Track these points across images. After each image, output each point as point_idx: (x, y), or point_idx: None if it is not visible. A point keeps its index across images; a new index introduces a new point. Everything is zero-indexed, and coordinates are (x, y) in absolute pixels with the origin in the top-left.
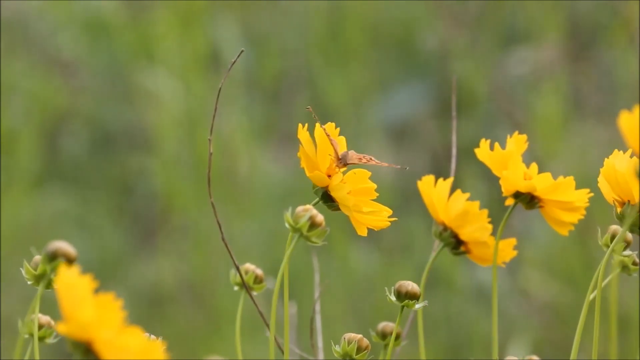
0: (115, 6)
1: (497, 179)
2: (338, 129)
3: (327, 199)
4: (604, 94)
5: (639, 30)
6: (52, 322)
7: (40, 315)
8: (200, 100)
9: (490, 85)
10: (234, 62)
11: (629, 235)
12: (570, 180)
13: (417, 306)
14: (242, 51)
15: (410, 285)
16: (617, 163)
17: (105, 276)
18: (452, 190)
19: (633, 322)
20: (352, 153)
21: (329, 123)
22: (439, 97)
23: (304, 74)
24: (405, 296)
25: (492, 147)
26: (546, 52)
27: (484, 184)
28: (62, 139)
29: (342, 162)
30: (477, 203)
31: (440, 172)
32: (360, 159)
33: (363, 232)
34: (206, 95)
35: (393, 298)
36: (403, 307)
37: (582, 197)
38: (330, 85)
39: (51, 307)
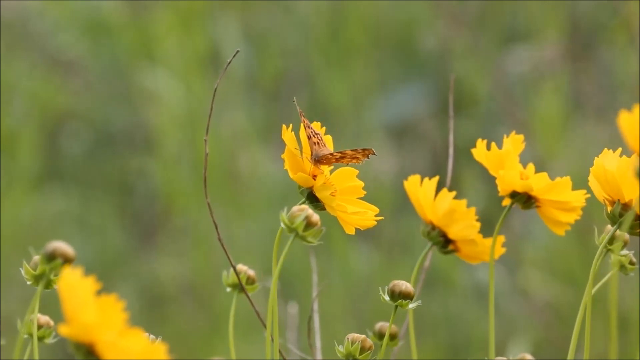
0: (115, 6)
1: (495, 178)
2: (324, 128)
3: (312, 199)
4: (604, 94)
5: (639, 30)
6: (51, 322)
7: (39, 315)
8: (200, 100)
9: (491, 85)
10: (230, 62)
11: (626, 235)
12: (567, 180)
13: (410, 306)
14: (237, 51)
15: (404, 285)
16: (607, 162)
17: (106, 276)
18: (452, 190)
19: (633, 321)
20: (324, 150)
21: (315, 123)
22: (439, 97)
23: (304, 74)
24: (399, 296)
25: (488, 147)
26: (546, 52)
27: (484, 183)
28: (62, 139)
29: (315, 159)
30: (464, 201)
31: (440, 172)
32: (333, 154)
33: (351, 231)
34: (206, 95)
35: (387, 298)
36: (397, 306)
37: (578, 197)
38: (331, 85)
39: (50, 307)
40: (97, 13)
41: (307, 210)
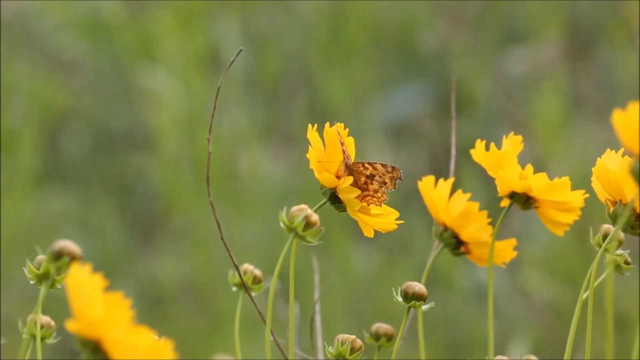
0: (115, 6)
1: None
2: (347, 129)
3: (334, 200)
4: (604, 94)
5: (639, 30)
6: (52, 323)
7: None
8: (200, 100)
9: (490, 85)
10: (233, 61)
11: (621, 235)
12: (566, 180)
13: (424, 307)
14: (240, 50)
15: (418, 287)
16: (609, 162)
17: (106, 276)
18: (452, 190)
19: (631, 320)
20: (357, 164)
21: (338, 124)
22: (438, 97)
23: (304, 74)
24: (412, 297)
25: (487, 148)
26: (546, 52)
27: (483, 184)
28: (63, 139)
29: (348, 170)
30: (476, 204)
31: (439, 172)
32: (365, 165)
33: (370, 234)
34: (206, 95)
35: (400, 299)
36: (409, 308)
37: (577, 197)
38: (330, 85)
39: (51, 307)
40: (97, 13)
41: (307, 210)
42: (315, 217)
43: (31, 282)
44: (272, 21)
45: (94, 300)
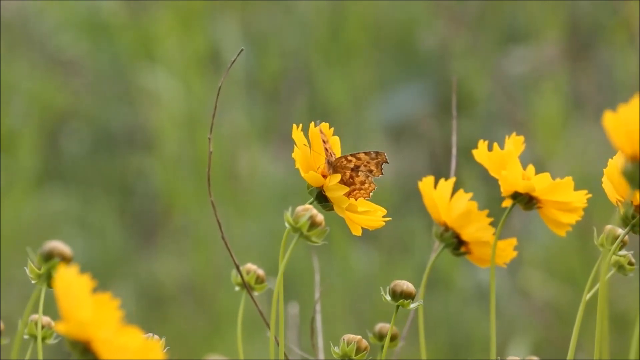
0: (115, 6)
1: (496, 179)
2: (332, 129)
3: (321, 199)
4: (604, 94)
5: (639, 30)
6: (52, 323)
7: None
8: (200, 100)
9: (490, 85)
10: (234, 61)
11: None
12: (569, 180)
13: (412, 305)
14: (241, 50)
15: (406, 285)
16: (620, 164)
17: (106, 276)
18: (453, 190)
19: (632, 320)
20: (340, 159)
21: (323, 123)
22: (438, 97)
23: (304, 74)
24: (400, 296)
25: (490, 148)
26: (546, 52)
27: (482, 184)
28: (63, 139)
29: (332, 168)
30: (475, 203)
31: (439, 172)
32: (347, 158)
33: (357, 232)
34: (206, 95)
35: (388, 298)
36: (398, 306)
37: (580, 197)
38: (330, 85)
39: (51, 307)
40: (97, 13)
41: (312, 210)
42: (320, 217)
43: (33, 281)
44: (272, 21)
45: (82, 301)
